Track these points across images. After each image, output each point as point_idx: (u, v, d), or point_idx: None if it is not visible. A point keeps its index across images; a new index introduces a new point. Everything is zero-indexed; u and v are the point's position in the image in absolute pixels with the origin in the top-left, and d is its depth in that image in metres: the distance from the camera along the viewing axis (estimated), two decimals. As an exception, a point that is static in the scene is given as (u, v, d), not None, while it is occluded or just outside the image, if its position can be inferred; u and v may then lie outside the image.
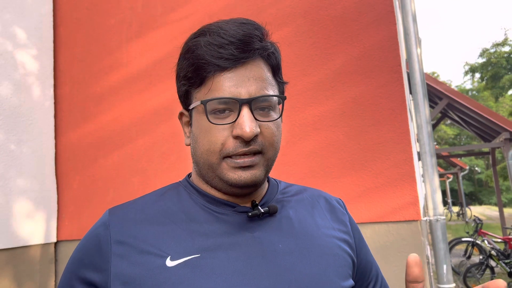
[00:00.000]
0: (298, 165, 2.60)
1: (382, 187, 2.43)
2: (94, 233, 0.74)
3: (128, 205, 0.78)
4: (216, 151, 0.69)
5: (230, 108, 0.69)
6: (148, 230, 0.71)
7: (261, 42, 0.72)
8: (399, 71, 2.49)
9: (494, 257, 6.80)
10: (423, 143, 2.42)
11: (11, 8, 2.87)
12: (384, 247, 2.39)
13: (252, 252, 0.70)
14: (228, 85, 0.69)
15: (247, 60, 0.70)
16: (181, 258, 0.67)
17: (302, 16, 2.71)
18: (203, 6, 2.93)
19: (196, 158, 0.75)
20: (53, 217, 3.00)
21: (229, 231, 0.72)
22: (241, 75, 0.70)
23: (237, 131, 0.67)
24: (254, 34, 0.71)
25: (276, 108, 0.74)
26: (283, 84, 0.80)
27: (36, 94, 3.00)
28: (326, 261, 0.74)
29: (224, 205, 0.75)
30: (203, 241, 0.70)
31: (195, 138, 0.74)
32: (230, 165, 0.69)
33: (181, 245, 0.69)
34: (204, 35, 0.72)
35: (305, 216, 0.80)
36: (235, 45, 0.69)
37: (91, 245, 0.73)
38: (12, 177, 2.72)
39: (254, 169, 0.70)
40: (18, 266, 2.70)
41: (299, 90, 2.65)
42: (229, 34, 0.69)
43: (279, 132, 0.75)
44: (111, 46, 3.12)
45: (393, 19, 2.53)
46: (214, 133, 0.69)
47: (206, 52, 0.69)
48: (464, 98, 10.16)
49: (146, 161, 2.90)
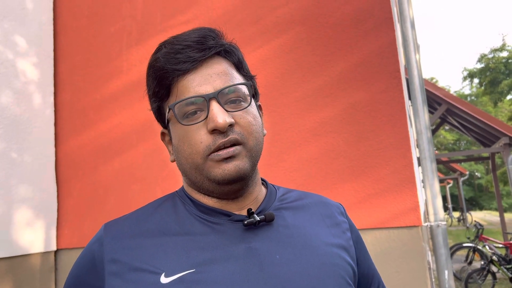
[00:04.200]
0: (298, 171, 2.60)
1: (383, 193, 2.43)
2: (89, 250, 0.75)
3: (124, 219, 0.77)
4: (199, 151, 0.69)
5: (200, 108, 0.70)
6: (143, 246, 0.70)
7: (215, 41, 0.74)
8: (398, 77, 2.50)
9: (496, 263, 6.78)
10: (423, 149, 2.43)
11: (12, 16, 2.88)
12: (385, 253, 2.38)
13: (249, 264, 0.68)
14: (192, 85, 0.70)
15: (205, 59, 0.71)
16: (176, 274, 0.66)
17: (301, 23, 2.73)
18: (203, 14, 2.95)
19: (182, 167, 0.75)
20: (53, 225, 2.99)
21: (224, 242, 0.70)
22: (203, 74, 0.71)
23: (211, 124, 0.67)
24: (207, 34, 0.73)
25: (248, 99, 0.74)
26: (251, 78, 0.80)
27: (37, 102, 3.01)
28: (325, 272, 0.72)
29: (219, 214, 0.74)
30: (198, 255, 0.68)
31: (177, 148, 0.74)
32: (214, 159, 0.69)
33: (176, 260, 0.68)
34: (161, 49, 0.74)
35: (304, 224, 0.78)
36: (190, 48, 0.71)
37: (86, 263, 0.75)
38: (13, 185, 2.72)
39: (237, 160, 0.69)
40: (18, 274, 2.69)
41: (299, 97, 2.66)
42: (183, 40, 0.72)
43: (257, 122, 0.74)
44: (111, 53, 3.13)
45: (392, 26, 2.55)
46: (191, 135, 0.70)
47: (165, 62, 0.71)
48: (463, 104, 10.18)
49: (146, 168, 2.90)
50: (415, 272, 2.32)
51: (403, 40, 2.54)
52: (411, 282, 2.31)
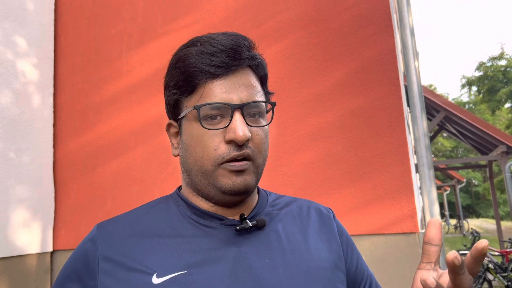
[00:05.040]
0: (296, 176, 2.61)
1: (380, 199, 2.44)
2: (82, 248, 0.75)
3: (117, 219, 0.78)
4: (211, 158, 0.70)
5: (221, 114, 0.70)
6: (135, 246, 0.71)
7: (249, 52, 0.74)
8: (397, 84, 2.51)
9: (492, 270, 6.78)
10: (420, 156, 2.43)
11: (12, 17, 2.89)
12: (382, 259, 2.38)
13: (238, 268, 0.70)
14: (220, 91, 0.70)
15: (237, 68, 0.72)
16: (168, 274, 0.67)
17: (302, 29, 2.74)
18: (203, 18, 2.96)
19: (187, 166, 0.75)
20: (49, 226, 2.98)
21: (216, 246, 0.72)
22: (232, 82, 0.71)
23: (230, 135, 0.68)
24: (243, 44, 0.73)
25: (265, 116, 0.76)
26: (270, 94, 0.82)
27: (36, 102, 3.01)
28: (313, 276, 0.73)
29: (212, 218, 0.75)
30: (190, 257, 0.70)
31: (186, 146, 0.74)
32: (226, 169, 0.70)
33: (168, 261, 0.69)
34: (195, 45, 0.74)
35: (293, 229, 0.80)
36: (226, 53, 0.71)
37: (79, 261, 0.74)
38: (11, 185, 2.72)
39: (246, 175, 0.71)
40: (14, 275, 2.68)
41: (298, 102, 2.67)
42: (220, 44, 0.71)
43: (267, 140, 0.76)
44: (111, 55, 3.14)
45: (391, 33, 2.57)
46: (206, 139, 0.70)
47: (198, 60, 0.71)
48: (461, 111, 10.21)
49: (144, 170, 2.90)
50: (411, 279, 2.32)
51: (403, 47, 2.56)
52: (407, 288, 2.31)
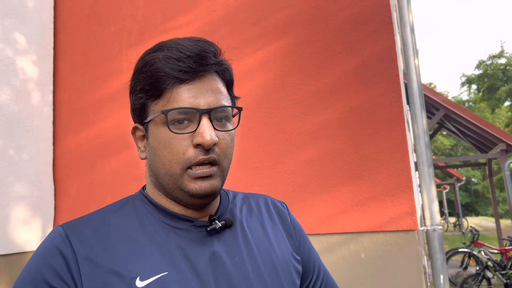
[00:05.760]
0: (295, 173, 2.61)
1: (380, 197, 2.44)
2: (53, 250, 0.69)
3: (82, 221, 0.74)
4: (179, 161, 0.72)
5: (189, 119, 0.72)
6: (112, 249, 0.70)
7: (216, 58, 0.76)
8: (397, 82, 2.51)
9: (491, 268, 6.79)
10: (420, 153, 2.44)
11: (12, 14, 2.88)
12: (381, 256, 2.39)
13: (214, 267, 0.73)
14: (187, 96, 0.72)
15: (204, 74, 0.74)
16: (150, 277, 0.67)
17: (301, 26, 2.74)
18: (203, 15, 2.96)
19: (155, 169, 0.76)
20: (49, 224, 2.98)
21: (190, 246, 0.73)
22: (199, 87, 0.73)
23: (198, 139, 0.70)
24: (209, 49, 0.75)
25: (231, 120, 0.78)
26: (236, 99, 0.84)
27: (36, 100, 3.01)
28: (276, 269, 0.79)
29: (182, 220, 0.76)
30: (167, 258, 0.70)
31: (154, 150, 0.75)
32: (191, 176, 0.72)
33: (148, 263, 0.69)
34: (162, 50, 0.75)
35: (255, 225, 0.84)
36: (193, 59, 0.72)
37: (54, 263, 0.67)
38: (10, 183, 2.72)
39: (212, 179, 0.73)
40: (14, 272, 2.68)
41: (298, 99, 2.67)
42: (187, 49, 0.73)
43: (233, 144, 0.78)
44: (111, 53, 3.14)
45: (391, 30, 2.56)
46: (174, 143, 0.72)
47: (165, 65, 0.72)
48: (461, 109, 10.21)
49: (143, 168, 2.90)
50: (410, 276, 2.33)
51: (403, 45, 2.56)
52: (406, 286, 2.32)
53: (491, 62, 26.56)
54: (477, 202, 36.74)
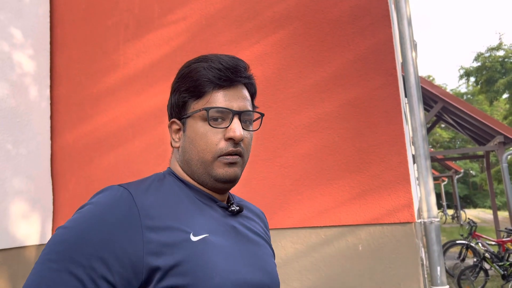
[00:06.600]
0: (293, 167, 2.62)
1: (377, 189, 2.45)
2: (120, 200, 0.79)
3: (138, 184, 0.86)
4: (212, 151, 0.87)
5: (223, 117, 0.88)
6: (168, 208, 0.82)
7: (246, 72, 0.94)
8: (394, 74, 2.51)
9: (488, 260, 6.84)
10: (418, 146, 2.44)
11: (8, 8, 2.87)
12: (379, 248, 2.40)
13: (238, 239, 0.90)
14: (223, 99, 0.88)
15: (236, 84, 0.91)
16: (201, 234, 0.81)
17: (299, 19, 2.73)
18: (200, 9, 2.95)
19: (189, 156, 0.90)
20: (48, 218, 2.99)
21: (219, 219, 0.89)
22: (233, 94, 0.90)
23: (230, 134, 0.86)
24: (242, 65, 0.93)
25: (252, 123, 0.96)
26: (256, 108, 1.02)
27: (33, 94, 3.00)
28: (270, 254, 1.00)
29: (209, 199, 0.91)
30: (208, 224, 0.85)
31: (191, 140, 0.90)
32: (221, 162, 0.88)
33: (197, 223, 0.83)
34: (206, 61, 0.91)
35: (252, 217, 1.02)
36: (230, 71, 0.89)
37: (119, 215, 0.76)
38: (8, 178, 2.72)
39: (236, 167, 0.89)
40: (14, 266, 2.69)
41: (295, 92, 2.67)
42: (226, 62, 0.90)
43: (251, 143, 0.96)
44: (108, 47, 3.13)
45: (389, 23, 2.56)
46: (210, 136, 0.88)
47: (208, 73, 0.89)
48: (459, 102, 10.21)
49: (141, 162, 2.91)
50: (408, 268, 2.34)
51: (400, 37, 2.55)
52: (403, 277, 2.34)
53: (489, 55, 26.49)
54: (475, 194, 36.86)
